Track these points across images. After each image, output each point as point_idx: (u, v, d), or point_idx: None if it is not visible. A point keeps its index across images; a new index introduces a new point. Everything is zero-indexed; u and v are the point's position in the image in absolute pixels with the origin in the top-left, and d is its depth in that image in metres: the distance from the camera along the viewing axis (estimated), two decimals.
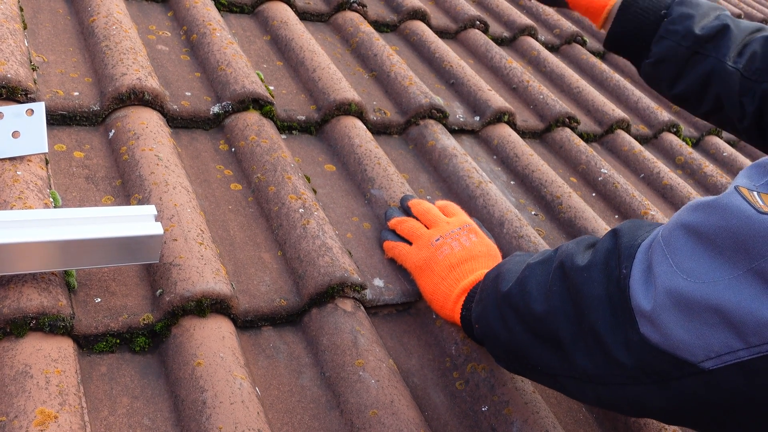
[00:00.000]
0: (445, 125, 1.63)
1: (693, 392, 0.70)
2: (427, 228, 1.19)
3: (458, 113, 1.71)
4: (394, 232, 1.23)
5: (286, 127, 1.43)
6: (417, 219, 1.22)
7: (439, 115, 1.62)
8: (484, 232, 1.23)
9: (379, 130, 1.56)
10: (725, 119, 1.24)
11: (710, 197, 0.71)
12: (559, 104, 1.86)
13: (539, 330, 0.85)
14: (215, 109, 1.36)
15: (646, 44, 1.24)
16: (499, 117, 1.73)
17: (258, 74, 1.47)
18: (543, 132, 1.85)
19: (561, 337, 0.82)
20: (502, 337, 0.92)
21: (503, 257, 1.27)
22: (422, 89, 1.64)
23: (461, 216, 1.22)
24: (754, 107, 1.16)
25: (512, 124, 1.76)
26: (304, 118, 1.46)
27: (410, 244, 1.19)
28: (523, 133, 1.81)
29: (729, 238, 0.66)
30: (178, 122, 1.32)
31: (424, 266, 1.14)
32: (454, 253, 1.13)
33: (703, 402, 0.71)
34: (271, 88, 1.49)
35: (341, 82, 1.52)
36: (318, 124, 1.48)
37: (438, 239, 1.15)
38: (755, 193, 0.67)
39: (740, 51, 1.16)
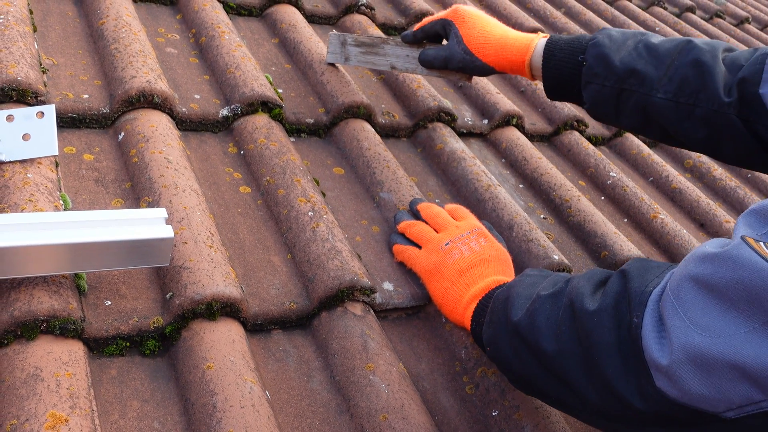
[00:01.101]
0: (453, 128, 1.63)
1: None
2: (437, 232, 1.19)
3: (466, 116, 1.71)
4: (403, 235, 1.23)
5: (294, 129, 1.43)
6: (426, 222, 1.22)
7: (447, 118, 1.61)
8: (494, 235, 1.23)
9: (387, 133, 1.56)
10: (688, 146, 1.18)
11: (717, 248, 0.70)
12: (568, 107, 1.85)
13: (550, 367, 0.85)
14: (224, 112, 1.36)
15: (577, 90, 1.23)
16: (508, 120, 1.72)
17: (267, 77, 1.47)
18: (551, 135, 1.84)
19: (571, 380, 0.81)
20: (514, 366, 0.92)
21: (513, 261, 1.26)
22: (430, 92, 1.63)
23: (471, 219, 1.22)
24: (702, 134, 1.10)
25: (521, 128, 1.76)
26: (312, 121, 1.46)
27: (419, 247, 1.19)
28: (532, 137, 1.80)
29: (742, 291, 0.65)
30: (187, 125, 1.32)
31: (434, 270, 1.13)
32: (463, 257, 1.12)
33: None
34: (280, 91, 1.49)
35: (350, 86, 1.52)
36: (327, 127, 1.47)
37: (447, 243, 1.15)
38: (762, 243, 0.66)
39: (668, 77, 1.11)
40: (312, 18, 1.84)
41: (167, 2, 1.65)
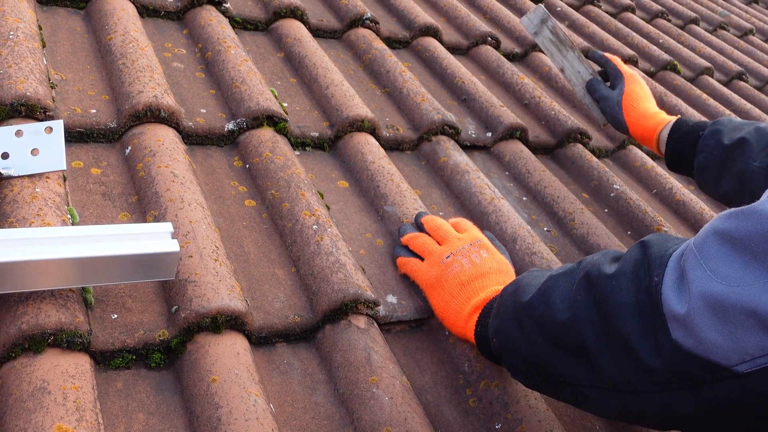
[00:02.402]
0: (457, 141, 1.64)
1: (725, 397, 0.71)
2: (439, 244, 1.20)
3: (470, 129, 1.72)
4: (407, 248, 1.24)
5: (299, 143, 1.45)
6: (429, 235, 1.23)
7: (451, 131, 1.63)
8: (496, 246, 1.24)
9: (391, 146, 1.57)
10: None
11: (744, 206, 0.72)
12: (571, 120, 1.86)
13: (562, 339, 0.86)
14: (230, 126, 1.38)
15: (691, 160, 1.45)
16: (511, 133, 1.73)
17: (272, 91, 1.49)
18: (555, 148, 1.85)
19: (586, 345, 0.82)
20: (522, 349, 0.93)
21: (516, 273, 1.27)
22: (434, 106, 1.65)
23: (472, 231, 1.23)
24: None
25: (524, 140, 1.77)
26: (317, 134, 1.47)
27: (422, 259, 1.20)
28: (535, 149, 1.81)
29: (764, 241, 0.67)
30: (193, 139, 1.34)
31: (435, 284, 1.14)
32: (464, 270, 1.13)
33: (735, 407, 0.71)
34: (285, 104, 1.51)
35: (354, 99, 1.53)
36: (331, 141, 1.49)
37: (448, 256, 1.16)
38: None
39: (767, 151, 1.29)
40: (317, 32, 1.86)
41: (174, 17, 1.67)
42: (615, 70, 1.68)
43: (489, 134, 1.73)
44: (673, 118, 1.53)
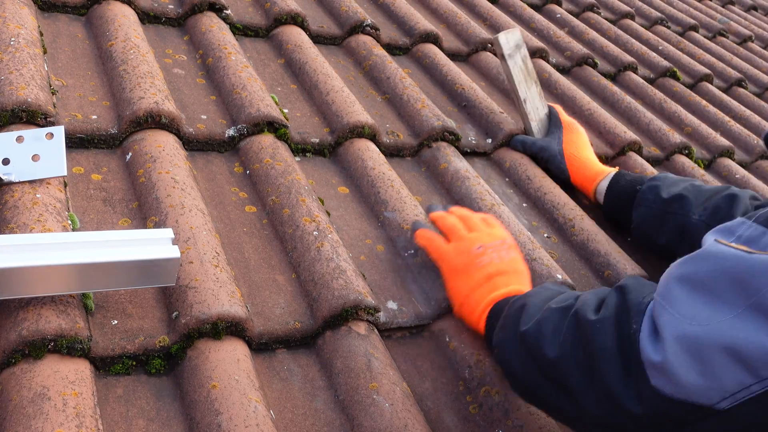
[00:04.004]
0: (457, 148, 1.64)
1: (709, 429, 0.74)
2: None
3: (470, 135, 1.72)
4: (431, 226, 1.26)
5: (300, 149, 1.45)
6: None
7: (451, 137, 1.63)
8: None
9: (392, 152, 1.57)
10: None
11: (695, 252, 0.77)
12: None
13: (551, 374, 0.89)
14: (230, 132, 1.38)
15: (629, 213, 1.51)
16: (512, 139, 1.73)
17: (273, 97, 1.49)
18: None
19: (571, 385, 0.85)
20: (518, 372, 0.96)
21: None
22: (435, 112, 1.65)
23: (502, 230, 1.24)
24: None
25: None
26: (318, 140, 1.47)
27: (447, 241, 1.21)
28: None
29: (724, 279, 0.71)
30: (193, 145, 1.34)
31: (462, 271, 1.15)
32: (493, 263, 1.15)
33: None
34: (286, 110, 1.51)
35: (354, 105, 1.54)
36: (332, 147, 1.49)
37: (479, 247, 1.17)
38: (732, 239, 0.74)
39: (704, 206, 1.36)
40: (317, 38, 1.87)
41: (175, 24, 1.67)
42: (555, 117, 1.73)
43: (489, 140, 1.73)
44: (612, 171, 1.60)
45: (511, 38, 1.70)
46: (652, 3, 3.45)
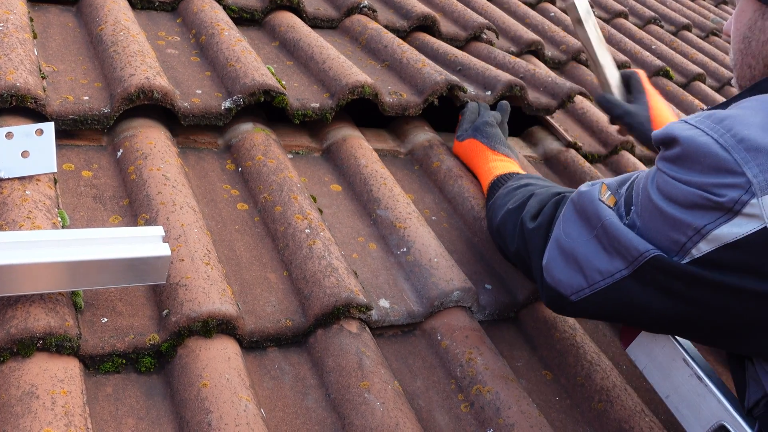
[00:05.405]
0: (449, 147, 1.64)
1: (574, 313, 1.08)
2: None
3: (470, 90, 1.70)
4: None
5: (300, 115, 1.44)
6: None
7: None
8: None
9: (397, 112, 1.57)
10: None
11: (589, 182, 1.07)
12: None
13: (515, 259, 1.22)
14: (227, 104, 1.36)
15: None
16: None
17: (269, 68, 1.48)
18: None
19: (527, 267, 1.17)
20: (496, 238, 1.29)
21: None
22: (436, 68, 1.64)
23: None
24: None
25: None
26: (318, 105, 1.46)
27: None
28: (528, 155, 1.81)
29: (586, 213, 1.01)
30: (189, 119, 1.32)
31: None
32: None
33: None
34: (283, 81, 1.50)
35: (352, 68, 1.53)
36: (332, 110, 1.48)
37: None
38: (608, 193, 1.00)
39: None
40: (314, 21, 1.85)
41: (168, 8, 1.67)
42: (637, 82, 1.68)
43: (488, 93, 1.70)
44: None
45: (582, 3, 1.67)
46: (645, 2, 3.45)
